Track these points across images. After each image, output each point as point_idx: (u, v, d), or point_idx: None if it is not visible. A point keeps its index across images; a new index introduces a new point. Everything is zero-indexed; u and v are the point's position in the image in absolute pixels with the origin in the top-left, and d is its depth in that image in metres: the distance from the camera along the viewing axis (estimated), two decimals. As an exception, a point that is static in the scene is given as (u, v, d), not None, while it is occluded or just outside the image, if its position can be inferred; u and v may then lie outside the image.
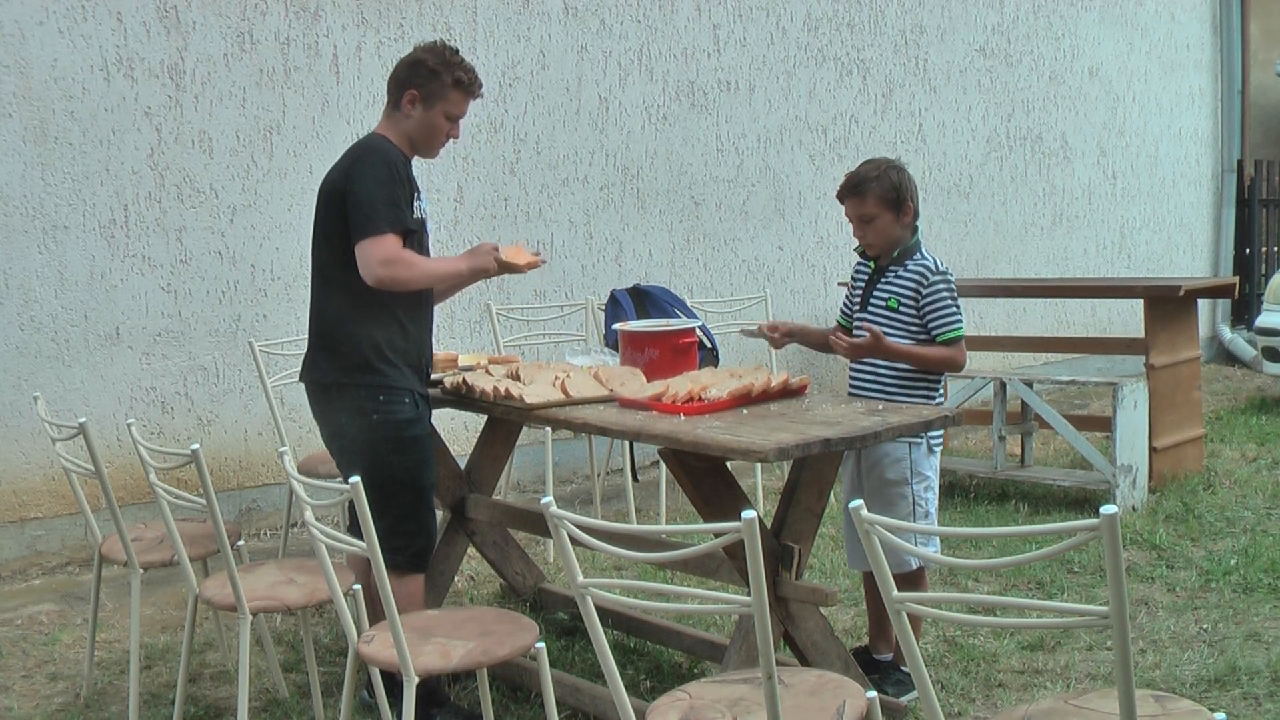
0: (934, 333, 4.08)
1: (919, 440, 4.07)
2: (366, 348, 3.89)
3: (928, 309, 4.07)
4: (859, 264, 4.33)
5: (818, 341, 4.40)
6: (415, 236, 3.93)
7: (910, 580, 4.03)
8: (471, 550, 5.00)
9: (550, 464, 5.97)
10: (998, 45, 9.41)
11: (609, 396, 4.06)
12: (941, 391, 4.24)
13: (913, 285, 4.09)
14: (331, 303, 3.95)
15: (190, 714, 4.20)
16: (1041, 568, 5.30)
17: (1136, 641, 4.57)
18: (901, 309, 4.09)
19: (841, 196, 4.18)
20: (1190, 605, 4.96)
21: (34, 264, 5.83)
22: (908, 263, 4.12)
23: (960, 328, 4.09)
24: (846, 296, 4.42)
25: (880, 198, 4.07)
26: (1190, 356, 6.92)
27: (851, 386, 4.26)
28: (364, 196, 3.80)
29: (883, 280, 4.16)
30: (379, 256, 3.78)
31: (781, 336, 4.37)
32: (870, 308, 4.16)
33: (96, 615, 4.50)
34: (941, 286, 4.07)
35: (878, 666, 4.27)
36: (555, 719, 3.30)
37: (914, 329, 4.09)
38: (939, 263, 4.14)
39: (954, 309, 4.08)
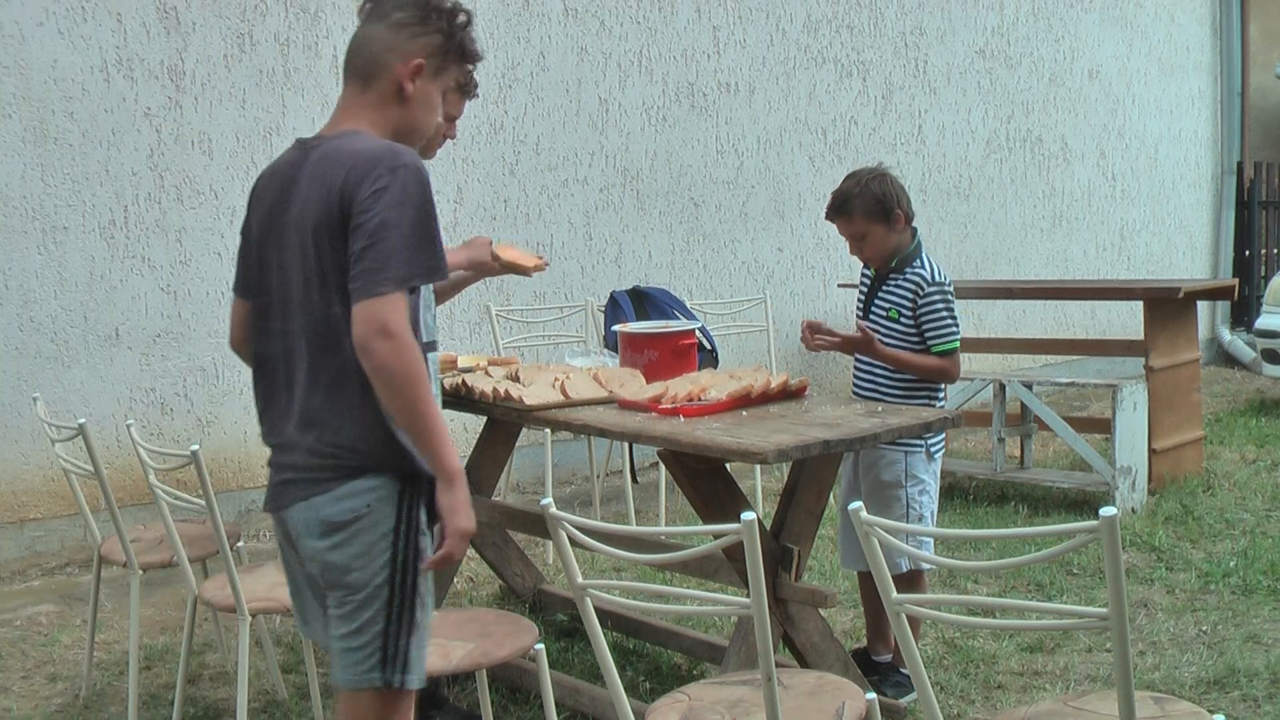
0: (929, 344, 4.06)
1: (917, 446, 4.06)
2: None
3: (923, 320, 4.05)
4: (864, 268, 4.32)
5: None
6: None
7: (909, 582, 4.03)
8: (471, 551, 5.00)
9: (550, 465, 5.97)
10: (997, 47, 9.41)
11: (608, 398, 4.06)
12: (943, 397, 4.23)
13: (910, 296, 4.07)
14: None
15: (189, 715, 4.20)
16: (1041, 569, 5.30)
17: (1136, 643, 4.57)
18: (901, 319, 4.08)
19: (830, 218, 4.17)
20: (1189, 607, 4.96)
21: (34, 265, 5.83)
22: (906, 270, 4.09)
23: (955, 341, 4.06)
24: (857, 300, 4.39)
25: (866, 213, 4.03)
26: (1190, 358, 6.92)
27: (855, 389, 4.27)
28: None
29: (883, 289, 4.13)
30: None
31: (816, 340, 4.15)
32: (872, 317, 4.14)
33: (96, 616, 4.50)
34: (937, 297, 4.04)
35: (877, 668, 4.27)
36: (554, 720, 3.30)
37: (913, 339, 4.08)
38: (937, 271, 4.10)
39: (949, 321, 4.05)
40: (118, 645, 4.84)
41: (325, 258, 2.55)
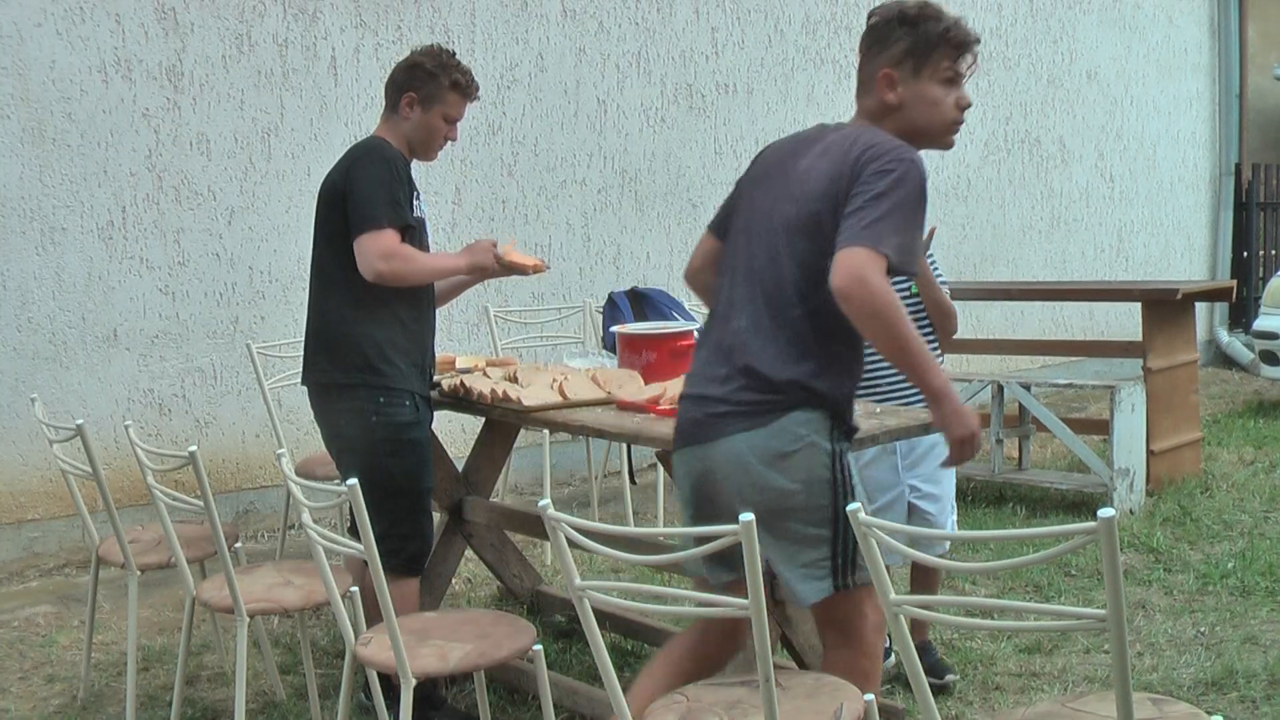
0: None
1: None
2: (367, 347, 3.89)
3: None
4: None
5: None
6: (414, 234, 3.94)
7: (929, 579, 4.27)
8: (469, 553, 5.00)
9: (548, 466, 5.97)
10: (995, 48, 9.41)
11: (607, 399, 4.06)
12: None
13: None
14: (331, 302, 3.96)
15: (187, 716, 4.20)
16: (1039, 571, 5.30)
17: (1134, 645, 4.57)
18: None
19: None
20: (1187, 608, 4.96)
21: (32, 266, 5.83)
22: None
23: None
24: None
25: None
26: (1188, 360, 6.92)
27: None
28: (363, 194, 3.82)
29: None
30: (378, 251, 3.79)
31: None
32: (897, 290, 4.26)
33: (94, 617, 4.50)
34: (934, 258, 4.25)
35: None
36: (552, 721, 3.29)
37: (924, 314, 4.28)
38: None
39: (944, 278, 4.28)
40: (116, 646, 4.84)
41: (813, 220, 2.89)
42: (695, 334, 4.53)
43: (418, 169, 4.09)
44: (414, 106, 3.98)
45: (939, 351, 4.30)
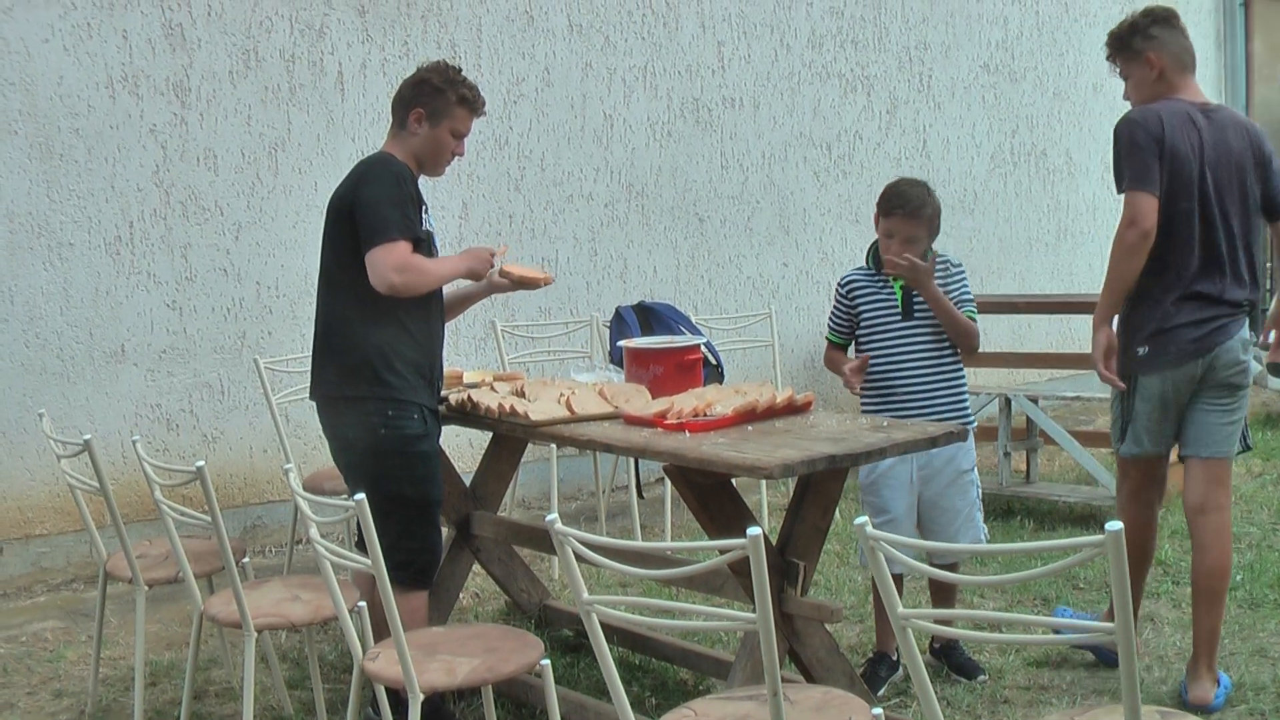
0: (962, 310, 4.30)
1: (971, 423, 4.32)
2: (373, 354, 3.89)
3: (953, 291, 4.29)
4: (863, 278, 4.40)
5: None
6: (423, 247, 3.95)
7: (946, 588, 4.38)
8: (476, 567, 5.00)
9: (555, 481, 5.96)
10: (1002, 61, 9.43)
11: (614, 413, 4.06)
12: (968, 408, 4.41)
13: (940, 278, 4.28)
14: (337, 309, 3.98)
15: (195, 731, 4.20)
16: (1047, 584, 5.29)
17: (1142, 658, 4.56)
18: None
19: (890, 211, 4.26)
20: (1197, 621, 4.94)
21: (39, 281, 5.85)
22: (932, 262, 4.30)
23: (976, 312, 4.34)
24: (843, 315, 4.45)
25: (929, 222, 4.29)
26: (1195, 372, 6.90)
27: (864, 409, 4.35)
28: (373, 206, 3.83)
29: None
30: (392, 263, 3.80)
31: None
32: (917, 313, 4.30)
33: (101, 632, 4.50)
34: (962, 274, 4.36)
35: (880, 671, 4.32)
36: (560, 736, 3.29)
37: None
38: (952, 255, 4.42)
39: (970, 294, 4.35)
40: (123, 661, 4.84)
41: (1254, 185, 4.16)
42: (702, 349, 4.55)
43: (425, 184, 4.10)
44: (421, 122, 4.00)
45: (959, 363, 4.35)
